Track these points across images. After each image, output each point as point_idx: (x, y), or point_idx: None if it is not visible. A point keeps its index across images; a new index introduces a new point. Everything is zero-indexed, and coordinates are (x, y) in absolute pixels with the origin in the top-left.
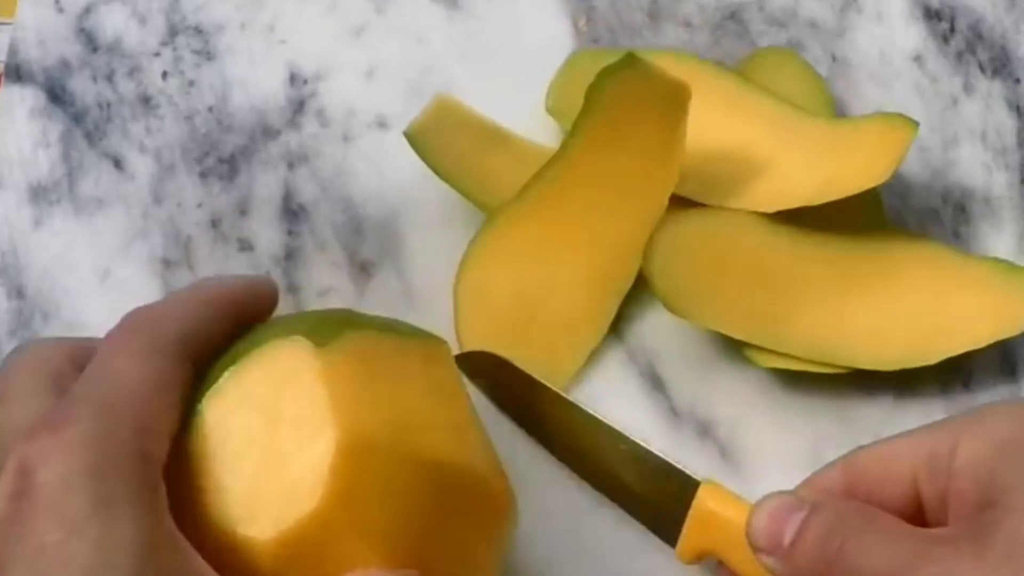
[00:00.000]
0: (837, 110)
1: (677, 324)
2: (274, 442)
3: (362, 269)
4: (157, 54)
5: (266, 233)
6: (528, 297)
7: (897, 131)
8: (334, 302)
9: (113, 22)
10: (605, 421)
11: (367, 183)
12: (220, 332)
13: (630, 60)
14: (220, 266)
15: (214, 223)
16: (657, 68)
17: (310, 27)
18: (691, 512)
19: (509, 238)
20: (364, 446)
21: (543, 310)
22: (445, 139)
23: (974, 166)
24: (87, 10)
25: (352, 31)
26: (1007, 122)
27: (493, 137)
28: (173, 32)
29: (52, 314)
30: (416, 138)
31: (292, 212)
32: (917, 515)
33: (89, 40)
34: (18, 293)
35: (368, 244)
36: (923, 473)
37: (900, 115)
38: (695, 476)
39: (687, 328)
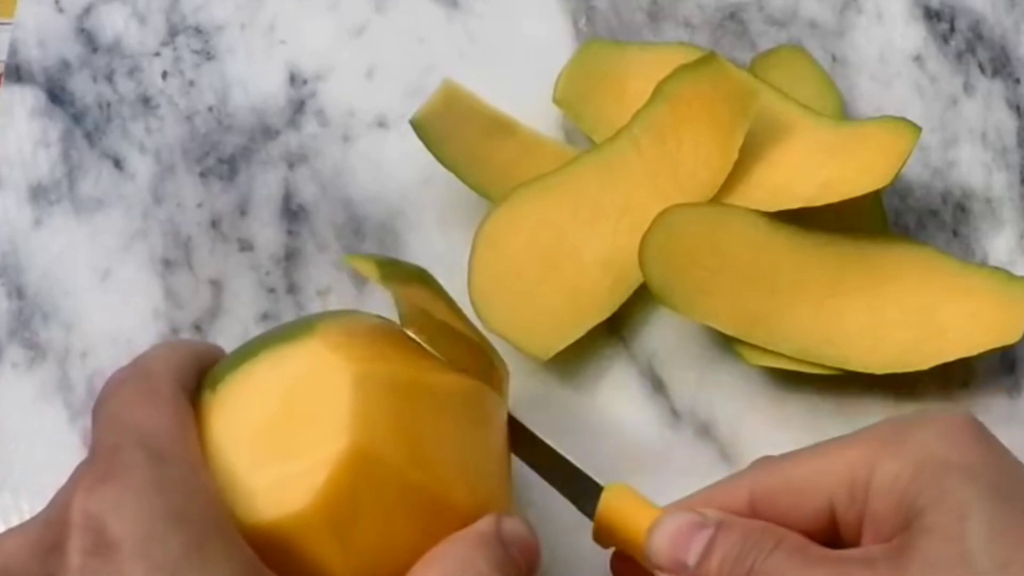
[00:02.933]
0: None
1: (678, 325)
2: (283, 434)
3: None
4: (157, 54)
5: (266, 233)
6: (546, 259)
7: (900, 135)
8: (334, 302)
9: (113, 22)
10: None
11: (367, 183)
12: (197, 373)
13: (709, 59)
14: (220, 266)
15: (214, 223)
16: (734, 69)
17: (310, 27)
18: (596, 516)
19: (541, 202)
20: (371, 463)
21: (558, 273)
22: (451, 127)
23: (974, 166)
24: (87, 10)
25: (352, 31)
26: (1007, 122)
27: (499, 126)
28: (173, 32)
29: (52, 314)
30: (422, 126)
31: (292, 212)
32: (829, 535)
33: (89, 40)
34: (18, 293)
35: (368, 244)
36: (841, 497)
37: (903, 119)
38: (599, 482)
39: (688, 329)
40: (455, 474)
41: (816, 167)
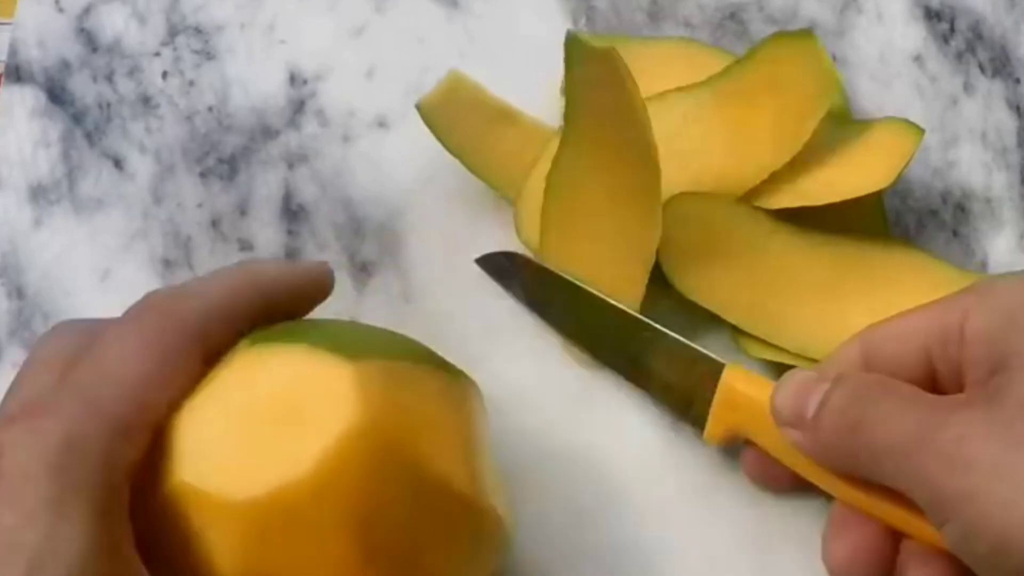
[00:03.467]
0: None
1: (678, 324)
2: (276, 416)
3: (362, 269)
4: (157, 54)
5: (266, 233)
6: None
7: (903, 136)
8: (334, 302)
9: (113, 22)
10: (628, 311)
11: (367, 183)
12: (249, 320)
13: (808, 34)
14: (220, 266)
15: (214, 223)
16: (828, 58)
17: (310, 27)
18: (717, 394)
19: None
20: (376, 436)
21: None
22: (456, 115)
23: (974, 166)
24: (87, 10)
25: (352, 31)
26: (1007, 122)
27: (503, 115)
28: (173, 32)
29: (52, 314)
30: (428, 112)
31: (292, 212)
32: (934, 387)
33: (89, 40)
34: (18, 293)
35: (368, 244)
36: (936, 346)
37: (906, 121)
38: (719, 360)
39: (689, 328)
40: (446, 455)
41: (818, 166)
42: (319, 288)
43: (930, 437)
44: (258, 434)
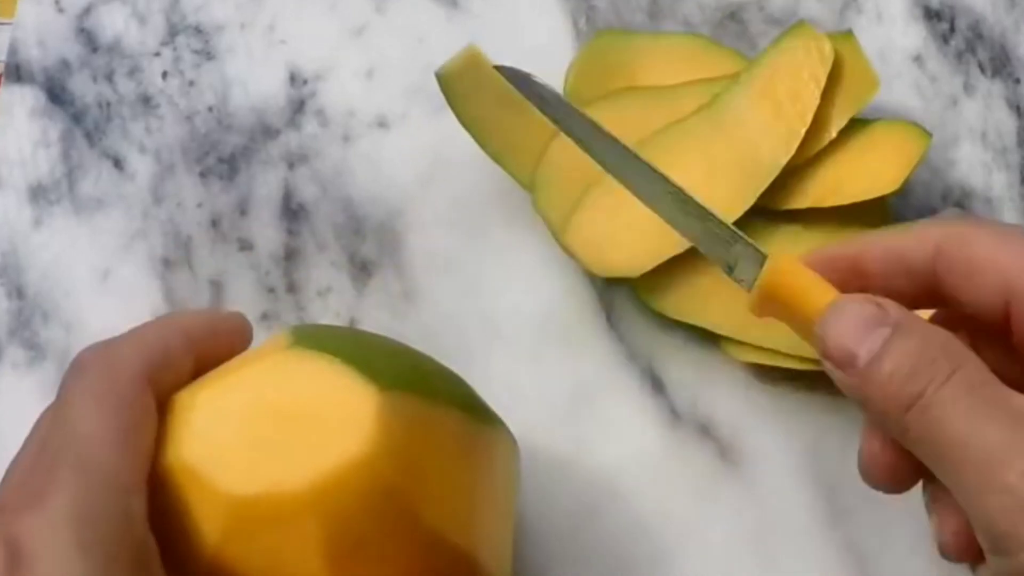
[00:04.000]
0: None
1: (677, 325)
2: (291, 422)
3: (362, 269)
4: (157, 54)
5: (266, 233)
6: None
7: (910, 140)
8: (334, 302)
9: (113, 22)
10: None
11: (367, 183)
12: (184, 366)
13: (848, 35)
14: (220, 266)
15: (214, 223)
16: (865, 58)
17: (310, 27)
18: (757, 284)
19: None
20: (380, 471)
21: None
22: (472, 88)
23: (974, 166)
24: (87, 10)
25: (352, 31)
26: (1007, 122)
27: (514, 100)
28: (173, 32)
29: (52, 314)
30: (446, 82)
31: (292, 212)
32: (1003, 330)
33: (89, 40)
34: (18, 293)
35: (368, 244)
36: (1019, 288)
37: (914, 124)
38: (761, 250)
39: (687, 329)
40: (457, 513)
41: (825, 167)
42: (240, 337)
43: (1007, 464)
44: (268, 434)
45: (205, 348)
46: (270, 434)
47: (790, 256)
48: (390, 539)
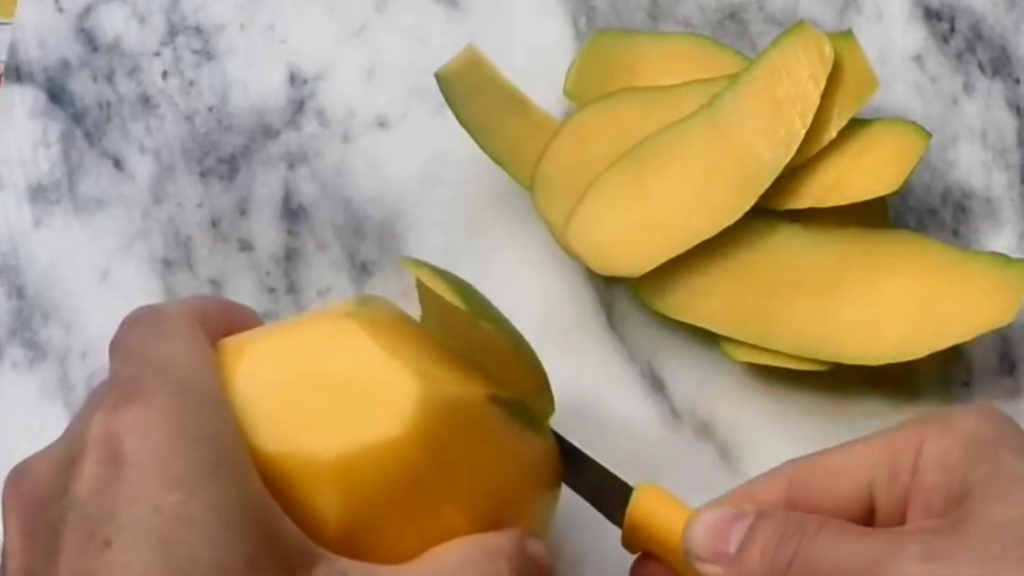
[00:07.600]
0: None
1: (677, 325)
2: (346, 381)
3: (362, 269)
4: (157, 54)
5: (266, 233)
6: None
7: (910, 141)
8: (334, 302)
9: (113, 22)
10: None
11: (367, 183)
12: (218, 328)
13: (848, 35)
14: (220, 266)
15: (214, 223)
16: (865, 59)
17: (310, 27)
18: (627, 515)
19: (638, 106)
20: (445, 405)
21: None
22: (472, 90)
23: (974, 166)
24: (87, 10)
25: (352, 31)
26: (1007, 122)
27: (514, 100)
28: (173, 32)
29: (52, 314)
30: (446, 82)
31: (292, 212)
32: (865, 521)
33: (89, 40)
34: (18, 293)
35: (368, 244)
36: (882, 477)
37: (913, 124)
38: (629, 483)
39: (688, 329)
40: (480, 517)
41: (825, 167)
42: (254, 321)
43: (891, 560)
44: (307, 398)
45: (230, 319)
46: (309, 399)
47: (653, 486)
48: (407, 525)
